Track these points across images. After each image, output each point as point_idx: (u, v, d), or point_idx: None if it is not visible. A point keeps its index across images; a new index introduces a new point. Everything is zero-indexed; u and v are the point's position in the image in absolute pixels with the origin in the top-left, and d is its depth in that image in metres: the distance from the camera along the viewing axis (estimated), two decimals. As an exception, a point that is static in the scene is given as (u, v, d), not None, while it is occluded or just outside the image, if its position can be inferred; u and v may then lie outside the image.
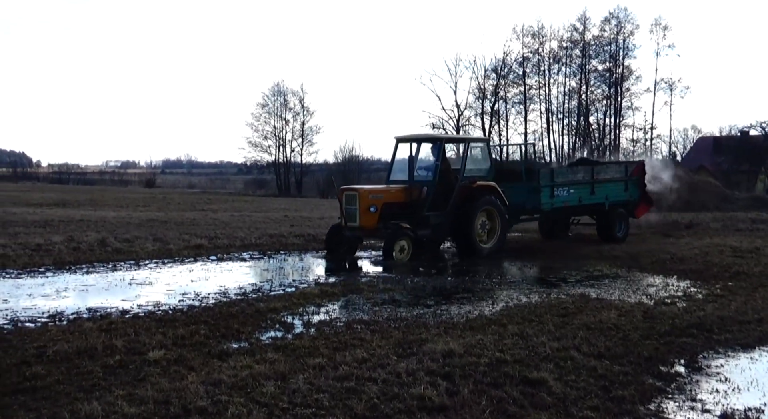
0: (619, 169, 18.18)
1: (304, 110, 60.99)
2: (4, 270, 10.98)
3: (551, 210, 16.18)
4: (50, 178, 77.18)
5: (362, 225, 13.55)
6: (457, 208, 14.09)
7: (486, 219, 14.52)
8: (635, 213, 18.29)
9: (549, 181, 15.93)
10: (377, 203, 13.54)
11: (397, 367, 5.78)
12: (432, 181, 14.13)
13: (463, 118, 54.50)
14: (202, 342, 6.75)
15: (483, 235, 14.50)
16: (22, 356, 6.07)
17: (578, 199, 16.51)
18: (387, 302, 9.18)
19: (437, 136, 14.53)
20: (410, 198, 13.98)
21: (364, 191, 13.90)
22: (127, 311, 8.27)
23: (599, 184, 16.99)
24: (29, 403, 4.90)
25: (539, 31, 53.76)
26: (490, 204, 14.45)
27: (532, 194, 15.67)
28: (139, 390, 5.16)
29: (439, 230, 14.19)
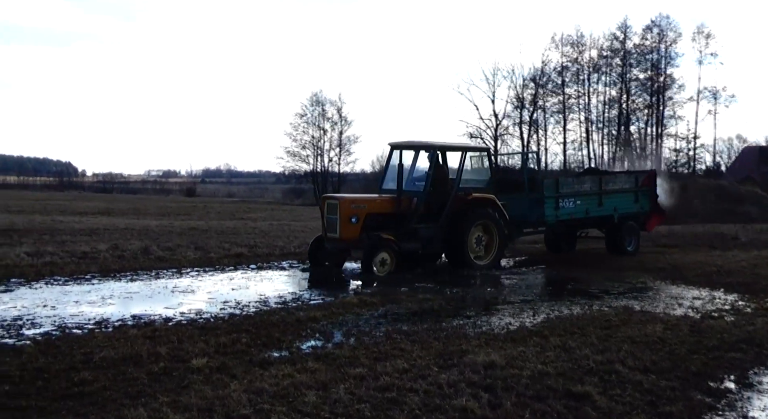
0: (628, 179, 17.33)
1: (342, 120, 61.44)
2: (52, 278, 11.25)
3: (556, 223, 15.57)
4: (95, 187, 79.04)
5: (342, 237, 12.71)
6: (451, 220, 13.33)
7: (482, 234, 13.73)
8: (646, 225, 17.43)
9: (553, 192, 15.29)
10: (359, 213, 12.74)
11: (438, 378, 5.74)
12: (422, 191, 13.37)
13: (501, 128, 54.22)
14: (243, 351, 6.80)
15: (479, 250, 13.72)
16: (70, 362, 6.19)
17: (585, 211, 15.84)
18: (426, 312, 9.14)
19: (430, 144, 13.80)
20: (398, 209, 13.11)
21: (344, 200, 13.17)
22: (170, 318, 8.39)
23: (607, 195, 16.24)
24: (77, 408, 4.99)
25: (578, 40, 53.29)
26: (487, 217, 13.65)
27: (535, 206, 15.02)
28: (183, 397, 5.22)
29: (431, 243, 13.30)
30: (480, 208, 13.58)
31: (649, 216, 17.31)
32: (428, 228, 13.19)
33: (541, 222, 15.37)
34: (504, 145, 54.13)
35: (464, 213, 13.34)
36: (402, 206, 13.12)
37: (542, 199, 14.94)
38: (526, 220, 15.12)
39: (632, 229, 16.73)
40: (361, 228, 12.64)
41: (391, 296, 10.30)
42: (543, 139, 54.69)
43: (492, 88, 56.62)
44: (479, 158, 14.86)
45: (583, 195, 15.83)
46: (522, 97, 53.71)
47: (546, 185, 15.31)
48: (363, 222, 12.65)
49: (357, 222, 12.64)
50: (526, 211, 14.96)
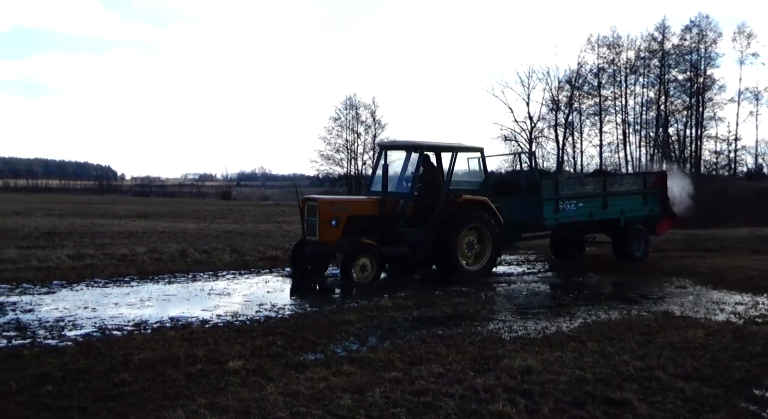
0: (636, 180, 16.57)
1: (375, 123, 61.52)
2: (92, 280, 11.48)
3: (556, 227, 14.84)
4: (133, 190, 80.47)
5: (322, 240, 12.03)
6: (440, 224, 12.66)
7: (474, 239, 13.04)
8: (656, 229, 16.54)
9: (553, 193, 14.51)
10: (340, 216, 12.07)
11: (474, 383, 5.69)
12: (408, 193, 12.67)
13: (536, 130, 53.76)
14: (279, 353, 6.84)
15: (470, 256, 13.05)
16: (110, 363, 6.29)
17: (588, 214, 15.00)
18: (461, 316, 9.08)
19: (417, 144, 13.11)
20: (383, 211, 12.41)
21: (324, 202, 12.46)
22: (207, 321, 8.48)
23: (613, 198, 15.39)
24: (118, 409, 5.07)
25: (615, 41, 52.56)
26: (479, 221, 12.96)
27: (533, 208, 14.30)
28: (220, 399, 5.26)
29: (419, 248, 12.58)
30: (471, 210, 12.96)
31: (660, 219, 16.46)
32: (416, 232, 12.55)
33: (539, 226, 14.64)
34: (539, 147, 53.67)
35: (454, 217, 12.73)
36: (387, 209, 12.45)
37: (541, 201, 14.25)
38: (525, 224, 14.52)
39: (640, 233, 15.91)
40: (343, 232, 12.02)
41: (425, 299, 10.27)
42: (578, 141, 54.04)
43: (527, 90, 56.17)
44: (472, 158, 13.93)
45: (586, 197, 15.06)
46: (557, 99, 53.21)
47: (545, 186, 14.56)
48: (345, 226, 12.04)
49: (337, 225, 12.00)
50: (524, 214, 14.35)
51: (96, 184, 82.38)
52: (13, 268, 12.09)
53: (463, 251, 12.88)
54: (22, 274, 11.56)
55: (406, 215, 12.48)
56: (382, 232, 12.27)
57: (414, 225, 12.56)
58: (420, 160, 12.87)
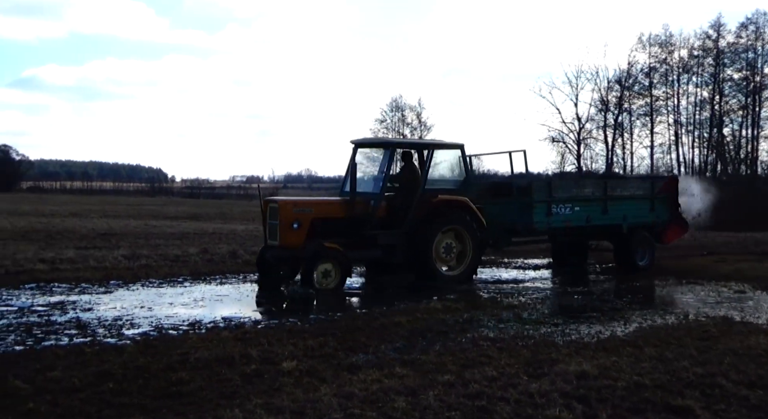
0: (642, 184, 15.49)
1: (421, 125, 61.38)
2: (147, 280, 11.74)
3: (548, 231, 14.00)
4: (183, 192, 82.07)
5: (283, 244, 11.27)
6: (415, 226, 11.87)
7: (453, 241, 12.19)
8: (663, 237, 15.33)
9: (545, 196, 13.50)
10: (302, 218, 11.29)
11: (528, 387, 5.62)
12: (378, 193, 11.88)
13: (584, 132, 52.86)
14: (331, 354, 6.87)
15: (450, 260, 12.22)
16: (168, 362, 6.41)
17: (586, 219, 13.94)
18: (512, 319, 8.99)
19: (389, 140, 12.16)
20: (351, 213, 11.66)
21: (285, 203, 11.66)
22: (259, 321, 8.59)
23: (614, 202, 14.31)
24: (176, 407, 5.16)
25: (667, 40, 51.32)
26: (457, 222, 12.12)
27: (523, 211, 13.38)
28: (275, 399, 5.31)
29: (392, 252, 11.78)
30: (449, 212, 12.11)
31: (668, 227, 15.27)
32: (389, 234, 11.74)
33: (530, 230, 13.63)
34: (587, 148, 52.75)
35: (430, 218, 11.92)
36: (357, 210, 11.68)
37: (531, 204, 13.30)
38: (514, 227, 13.64)
39: (645, 241, 14.75)
40: (307, 235, 11.26)
41: (475, 302, 10.22)
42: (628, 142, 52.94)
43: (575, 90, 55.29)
44: (452, 156, 13.10)
45: (584, 200, 14.01)
46: (606, 99, 52.19)
47: (536, 188, 13.61)
48: (309, 229, 11.29)
49: (299, 228, 11.22)
50: (514, 217, 13.50)
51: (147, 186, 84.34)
52: (72, 268, 12.47)
53: (440, 255, 12.06)
54: (81, 274, 11.91)
55: (376, 217, 11.71)
56: (352, 235, 11.53)
57: (390, 227, 11.84)
58: (390, 158, 12.11)
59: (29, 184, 70.70)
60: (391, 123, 61.47)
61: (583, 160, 51.80)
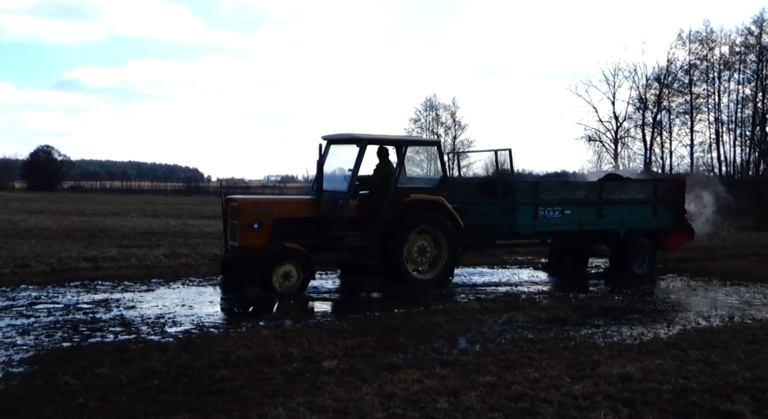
0: (643, 187, 14.50)
1: (455, 124, 61.19)
2: (187, 279, 11.91)
3: (534, 235, 13.29)
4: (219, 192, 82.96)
5: (243, 245, 10.63)
6: (387, 227, 11.17)
7: (427, 243, 11.46)
8: (666, 244, 14.24)
9: (531, 198, 12.65)
10: (264, 218, 10.61)
11: (572, 390, 5.56)
12: (346, 192, 11.17)
13: (622, 130, 52.07)
14: (370, 354, 6.89)
15: (423, 262, 11.47)
16: (210, 360, 6.49)
17: (578, 223, 13.04)
18: (551, 320, 8.92)
19: (357, 136, 11.50)
20: (318, 213, 10.91)
21: (245, 202, 11.02)
22: (298, 320, 8.65)
23: (611, 206, 13.39)
24: (220, 405, 5.23)
25: (708, 36, 50.25)
26: (432, 223, 11.42)
27: (507, 214, 12.57)
28: (317, 398, 5.34)
29: (362, 254, 11.12)
30: (422, 212, 11.40)
31: (672, 233, 14.21)
32: (358, 235, 11.07)
33: (513, 233, 12.88)
34: (625, 148, 51.96)
35: (402, 219, 11.21)
36: (325, 210, 10.95)
37: (515, 206, 12.51)
38: (497, 230, 12.82)
39: (644, 248, 13.81)
40: (270, 237, 10.59)
41: (513, 303, 10.15)
42: (667, 141, 51.99)
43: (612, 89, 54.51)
44: (427, 153, 12.35)
45: (575, 204, 13.16)
46: (645, 97, 51.33)
47: (521, 189, 12.81)
48: (271, 229, 10.62)
49: (260, 228, 10.54)
50: (497, 219, 12.69)
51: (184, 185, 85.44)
52: (115, 266, 12.70)
53: (413, 258, 11.37)
54: (123, 272, 12.13)
55: (344, 217, 11.05)
56: (319, 236, 10.89)
57: (362, 228, 11.16)
58: (362, 155, 11.36)
59: (70, 183, 72.19)
60: (426, 122, 61.36)
61: (621, 159, 51.01)
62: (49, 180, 67.21)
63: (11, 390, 5.52)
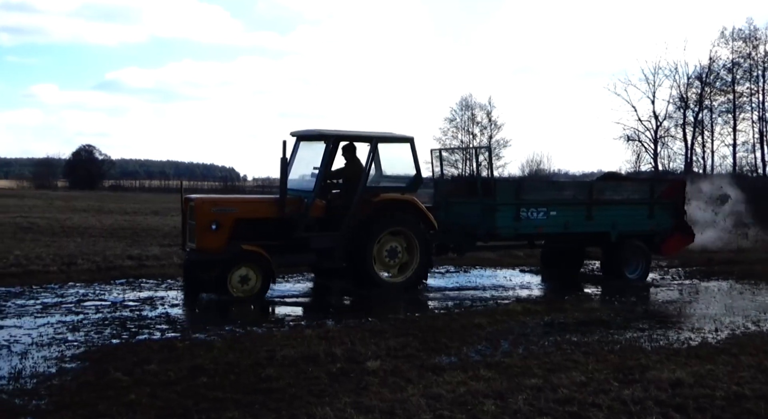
0: (639, 188, 13.69)
1: (491, 124, 60.78)
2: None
3: (515, 237, 12.63)
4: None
5: (200, 247, 10.08)
6: (355, 228, 10.69)
7: (399, 245, 10.95)
8: (662, 248, 13.50)
9: (512, 198, 11.96)
10: (223, 219, 10.03)
11: (621, 394, 5.48)
12: (312, 190, 10.62)
13: (662, 130, 51.15)
14: (413, 355, 6.89)
15: (393, 265, 10.98)
16: (255, 358, 6.56)
17: (564, 225, 12.33)
18: (595, 322, 8.81)
19: (324, 132, 11.04)
20: (283, 213, 10.34)
21: (202, 201, 10.41)
22: (340, 320, 8.69)
23: (601, 207, 12.64)
24: (268, 403, 5.28)
25: (752, 34, 49.09)
26: (403, 224, 10.91)
27: (486, 214, 11.91)
28: (363, 398, 5.36)
29: (328, 256, 10.64)
30: (393, 212, 10.91)
31: (670, 236, 13.43)
32: (325, 237, 10.57)
33: (492, 235, 12.16)
34: (665, 147, 51.03)
35: (370, 220, 10.70)
36: (289, 210, 10.40)
37: (495, 206, 11.82)
38: (476, 231, 12.19)
39: (638, 251, 13.03)
40: (229, 238, 10.03)
41: (555, 304, 10.06)
42: (709, 140, 50.93)
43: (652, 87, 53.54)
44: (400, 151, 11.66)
45: (562, 204, 12.43)
46: (686, 96, 50.34)
47: (501, 189, 12.17)
48: (231, 230, 10.08)
49: (218, 229, 9.96)
50: (476, 220, 12.11)
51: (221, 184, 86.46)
52: (158, 265, 12.92)
53: (383, 260, 10.86)
54: (166, 271, 12.33)
55: (310, 217, 10.52)
56: (284, 238, 10.36)
57: (331, 229, 10.70)
58: (327, 151, 10.90)
59: (110, 182, 73.60)
60: (461, 122, 61.09)
61: (660, 159, 50.11)
62: (90, 179, 68.63)
63: (65, 385, 5.65)
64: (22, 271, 11.68)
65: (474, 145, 60.07)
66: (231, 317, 8.84)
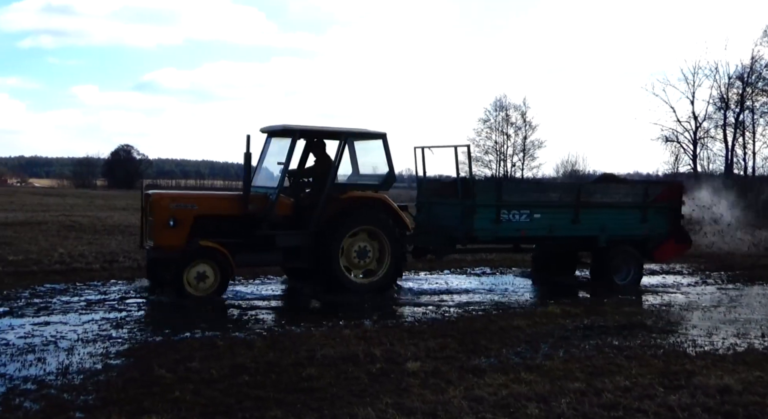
0: (631, 191, 12.83)
1: (526, 125, 60.28)
2: (265, 277, 12.10)
3: (495, 241, 12.06)
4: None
5: (158, 245, 9.78)
6: (323, 226, 10.25)
7: (369, 245, 10.53)
8: (655, 253, 12.79)
9: (492, 199, 11.38)
10: (182, 215, 9.66)
11: (667, 400, 5.37)
12: (276, 187, 10.23)
13: (701, 131, 50.15)
14: (453, 356, 6.86)
15: (363, 266, 10.53)
16: (296, 358, 6.59)
17: (549, 228, 11.78)
18: (635, 326, 8.67)
19: (289, 127, 10.64)
20: (247, 210, 9.98)
21: (160, 197, 10.11)
22: (377, 320, 8.70)
23: (590, 210, 12.04)
24: (310, 403, 5.30)
25: (796, 32, 47.84)
26: (373, 223, 10.46)
27: (465, 216, 11.35)
28: (405, 400, 5.34)
29: (295, 255, 10.26)
30: (364, 210, 10.52)
31: (663, 241, 12.72)
32: (291, 235, 10.17)
33: (470, 238, 11.56)
34: (704, 149, 50.04)
35: (339, 218, 10.33)
36: (254, 207, 10.03)
37: (473, 208, 11.25)
38: (452, 234, 11.71)
39: (628, 256, 12.41)
40: (189, 235, 9.67)
41: (594, 307, 9.94)
42: (750, 142, 49.80)
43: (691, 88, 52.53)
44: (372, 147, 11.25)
45: (547, 207, 11.84)
46: (726, 97, 49.28)
47: (480, 189, 11.58)
48: (191, 227, 9.71)
49: (178, 226, 9.59)
50: (455, 222, 11.60)
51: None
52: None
53: (352, 260, 10.46)
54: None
55: (276, 214, 10.15)
56: (249, 236, 9.99)
57: (299, 227, 10.30)
58: (293, 147, 10.46)
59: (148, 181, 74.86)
60: (495, 122, 60.72)
61: (700, 160, 49.18)
62: (128, 178, 69.85)
63: (111, 381, 5.74)
64: (66, 269, 11.94)
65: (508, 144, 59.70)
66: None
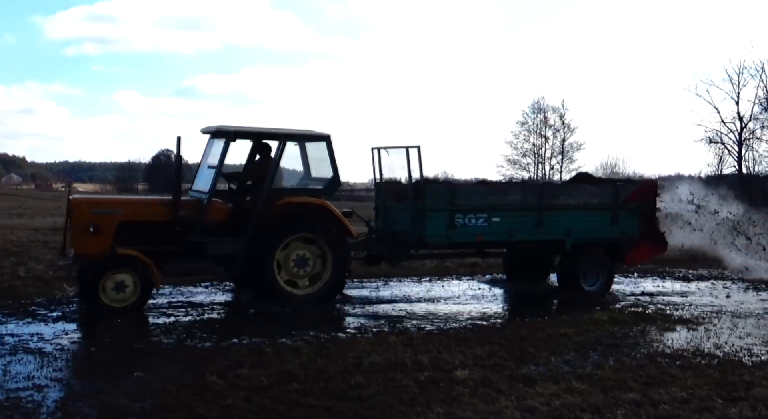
0: (600, 191, 11.96)
1: (564, 127, 59.57)
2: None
3: (448, 247, 11.30)
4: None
5: (78, 252, 9.07)
6: (258, 233, 9.63)
7: (308, 253, 9.89)
8: (627, 257, 12.18)
9: (445, 203, 10.68)
10: (103, 221, 8.95)
11: (727, 412, 5.25)
12: (207, 191, 9.59)
13: (747, 131, 48.94)
14: (501, 364, 6.78)
15: (302, 276, 9.87)
16: (343, 365, 6.58)
17: (508, 233, 11.02)
18: (687, 335, 8.45)
19: (223, 129, 10.09)
20: (176, 216, 9.34)
21: (80, 202, 9.38)
22: (422, 328, 8.65)
23: (554, 212, 11.30)
24: (360, 411, 5.29)
25: None
26: (311, 230, 9.85)
27: (416, 221, 10.72)
28: (456, 409, 5.30)
29: (230, 263, 9.57)
30: (302, 216, 9.90)
31: (637, 244, 12.02)
32: (224, 242, 9.53)
33: (422, 244, 10.89)
34: (749, 150, 48.83)
35: (275, 224, 9.70)
36: (184, 212, 9.41)
37: (424, 212, 10.58)
38: (405, 239, 11.06)
39: (596, 261, 11.77)
40: (112, 242, 8.94)
41: (642, 315, 9.73)
42: (797, 142, 48.37)
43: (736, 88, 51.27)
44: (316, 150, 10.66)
45: (506, 210, 11.04)
46: (773, 96, 48.02)
47: (431, 193, 10.72)
48: (115, 234, 9.02)
49: (99, 233, 8.88)
50: (407, 227, 10.99)
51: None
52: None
53: (289, 269, 9.82)
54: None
55: (209, 220, 9.52)
56: (179, 243, 9.39)
57: (235, 234, 9.67)
58: (226, 149, 9.87)
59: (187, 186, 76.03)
60: (533, 125, 60.15)
61: (745, 161, 48.02)
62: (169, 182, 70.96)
63: (166, 387, 5.81)
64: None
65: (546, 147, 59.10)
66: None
